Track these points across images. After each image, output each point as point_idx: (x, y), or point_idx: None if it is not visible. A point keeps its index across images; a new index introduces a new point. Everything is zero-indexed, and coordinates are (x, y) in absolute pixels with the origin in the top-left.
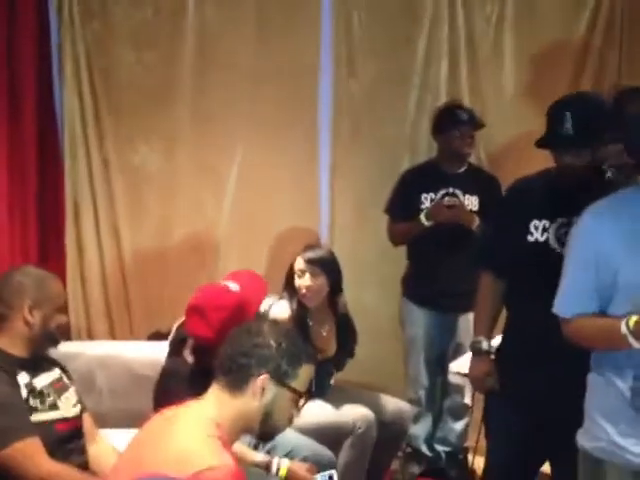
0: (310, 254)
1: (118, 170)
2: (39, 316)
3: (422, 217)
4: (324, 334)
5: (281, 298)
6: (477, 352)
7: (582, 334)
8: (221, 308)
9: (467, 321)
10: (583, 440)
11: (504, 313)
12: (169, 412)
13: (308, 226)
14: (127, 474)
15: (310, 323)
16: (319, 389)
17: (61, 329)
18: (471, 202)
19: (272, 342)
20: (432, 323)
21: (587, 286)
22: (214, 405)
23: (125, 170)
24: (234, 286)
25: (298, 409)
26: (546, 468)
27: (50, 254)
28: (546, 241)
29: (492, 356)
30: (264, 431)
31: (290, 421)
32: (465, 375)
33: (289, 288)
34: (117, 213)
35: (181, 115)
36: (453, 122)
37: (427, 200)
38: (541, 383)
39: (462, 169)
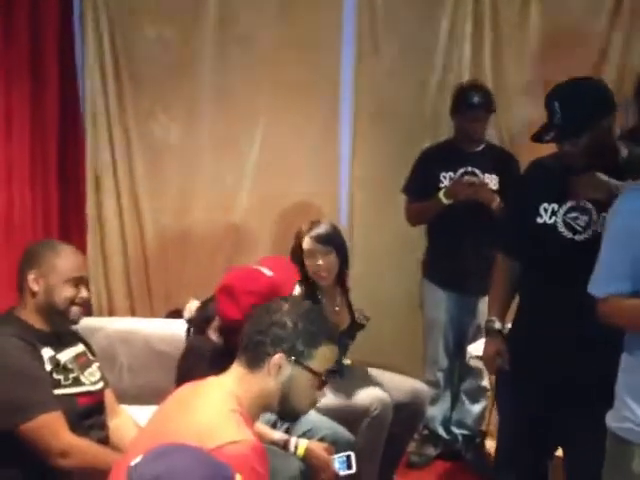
0: (317, 232)
1: (139, 143)
2: (43, 286)
3: (441, 195)
4: (337, 309)
5: None
6: (489, 332)
7: (616, 314)
8: (253, 293)
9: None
10: (611, 420)
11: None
12: (191, 386)
13: (327, 205)
14: (148, 447)
15: (323, 301)
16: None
17: (71, 303)
18: (491, 181)
19: (289, 322)
20: (453, 305)
21: (622, 267)
22: (235, 381)
23: (146, 143)
24: (267, 271)
25: (321, 391)
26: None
27: (71, 230)
28: (554, 224)
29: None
30: (284, 411)
31: (313, 403)
32: (481, 357)
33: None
34: (138, 188)
35: (202, 89)
36: (464, 105)
37: (446, 179)
38: (551, 366)
39: (480, 148)
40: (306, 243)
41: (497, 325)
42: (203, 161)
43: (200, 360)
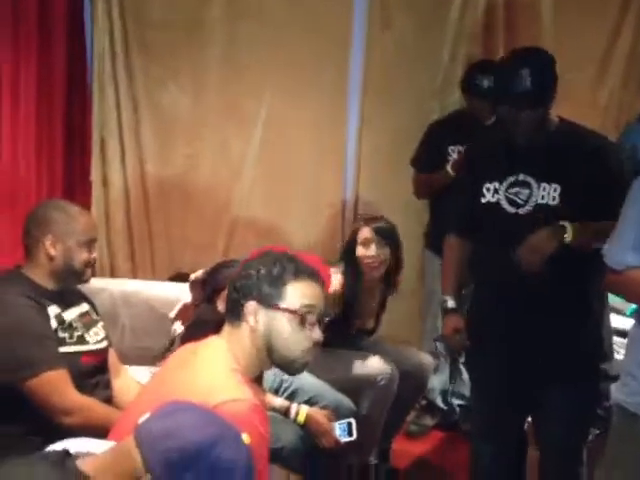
0: (378, 225)
1: (146, 110)
2: (61, 250)
3: (449, 168)
4: (373, 305)
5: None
6: (444, 311)
7: (633, 286)
8: None
9: None
10: (620, 394)
11: None
12: (190, 347)
13: (333, 178)
14: (149, 405)
15: (361, 295)
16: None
17: (86, 265)
18: None
19: (252, 271)
20: None
21: None
22: (228, 341)
23: (153, 110)
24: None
25: (309, 329)
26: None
27: (75, 191)
28: (497, 202)
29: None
30: (277, 361)
31: (305, 347)
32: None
33: (348, 257)
34: (143, 152)
35: (211, 57)
36: (474, 88)
37: (454, 152)
38: (511, 338)
39: (491, 121)
40: (364, 231)
41: (450, 304)
42: (209, 129)
43: (207, 330)
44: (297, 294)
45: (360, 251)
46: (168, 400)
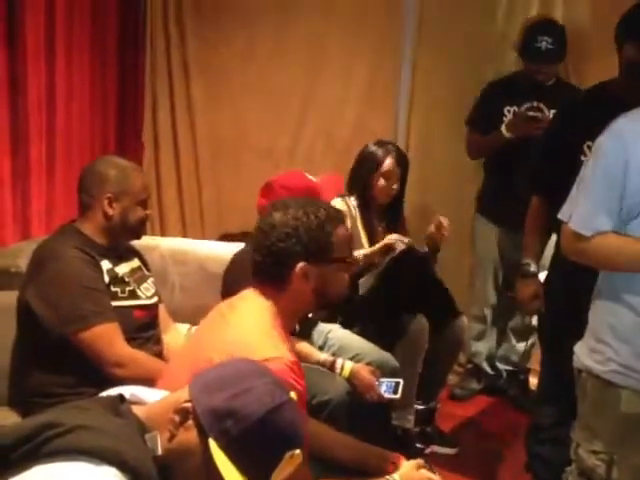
0: (400, 155)
1: (197, 71)
2: (119, 209)
3: (503, 128)
4: (379, 229)
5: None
6: (525, 274)
7: (604, 252)
8: (289, 189)
9: None
10: (593, 363)
11: None
12: (226, 303)
13: (384, 130)
14: (187, 362)
15: (374, 219)
16: None
17: (141, 222)
18: None
19: (290, 231)
20: (505, 241)
21: (612, 204)
22: (271, 300)
23: (204, 71)
24: (311, 177)
25: (351, 270)
26: None
27: (128, 151)
28: None
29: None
30: (323, 305)
31: (347, 284)
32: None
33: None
34: (195, 114)
35: (262, 16)
36: (532, 50)
37: (510, 113)
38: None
39: (549, 82)
40: (389, 164)
41: (533, 268)
42: (260, 87)
43: (246, 270)
44: (341, 242)
45: (382, 182)
46: (201, 362)
